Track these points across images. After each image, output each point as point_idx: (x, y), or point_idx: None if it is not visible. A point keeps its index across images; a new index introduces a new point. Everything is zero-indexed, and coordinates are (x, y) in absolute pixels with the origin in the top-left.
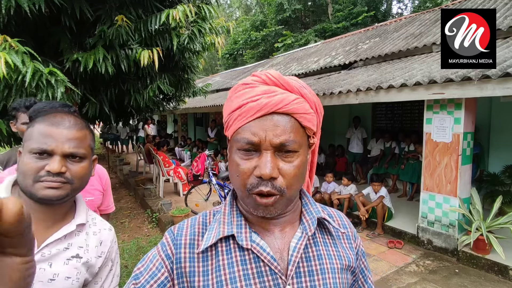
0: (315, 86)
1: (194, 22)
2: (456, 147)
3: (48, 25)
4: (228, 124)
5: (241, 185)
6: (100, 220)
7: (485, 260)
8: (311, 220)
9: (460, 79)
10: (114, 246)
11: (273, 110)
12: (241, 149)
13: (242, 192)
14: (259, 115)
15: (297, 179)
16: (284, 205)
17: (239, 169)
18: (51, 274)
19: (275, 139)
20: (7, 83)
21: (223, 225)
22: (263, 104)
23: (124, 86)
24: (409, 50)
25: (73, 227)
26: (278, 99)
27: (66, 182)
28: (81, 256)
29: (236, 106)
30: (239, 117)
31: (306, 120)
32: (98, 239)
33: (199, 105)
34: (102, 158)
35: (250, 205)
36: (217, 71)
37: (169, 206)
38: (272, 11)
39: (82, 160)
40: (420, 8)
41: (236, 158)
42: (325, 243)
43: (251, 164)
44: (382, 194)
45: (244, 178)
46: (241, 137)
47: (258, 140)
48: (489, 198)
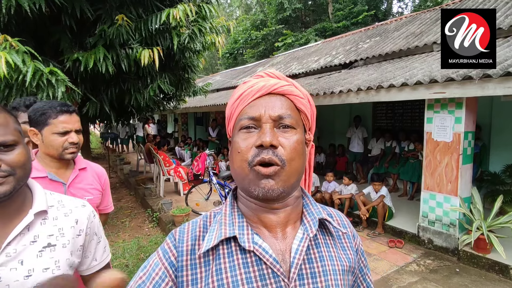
0: (315, 85)
1: (195, 21)
2: (457, 147)
3: (48, 25)
4: (231, 115)
5: (242, 161)
6: (69, 199)
7: (485, 260)
8: (312, 221)
9: (461, 78)
10: (94, 220)
11: (270, 91)
12: (243, 128)
13: (243, 169)
14: (257, 95)
15: (297, 153)
16: (285, 183)
17: (240, 145)
18: (25, 271)
19: (273, 112)
20: (7, 83)
21: (225, 226)
22: (261, 86)
23: (124, 85)
24: (410, 49)
25: (31, 217)
26: (273, 82)
27: (8, 175)
28: (53, 244)
29: (237, 95)
30: (241, 101)
31: (300, 102)
32: (72, 219)
33: (200, 104)
34: (103, 157)
35: (251, 184)
36: (217, 71)
37: (170, 205)
38: (273, 10)
39: (14, 147)
40: (420, 7)
41: (238, 139)
42: (327, 244)
43: (252, 140)
44: (383, 193)
45: (245, 152)
46: (242, 116)
47: (258, 115)
48: (489, 197)
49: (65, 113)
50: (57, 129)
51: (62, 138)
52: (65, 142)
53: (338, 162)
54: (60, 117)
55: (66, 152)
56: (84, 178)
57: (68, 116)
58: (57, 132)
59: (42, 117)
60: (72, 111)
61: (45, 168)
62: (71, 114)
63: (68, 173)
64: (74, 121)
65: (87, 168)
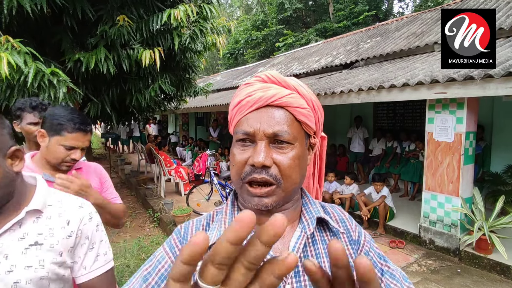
0: (316, 85)
1: (196, 21)
2: (458, 147)
3: (49, 25)
4: (230, 120)
5: (236, 174)
6: (69, 200)
7: (487, 260)
8: (311, 219)
9: (463, 79)
10: (88, 223)
11: (268, 103)
12: (239, 140)
13: (237, 182)
14: (255, 107)
15: (293, 170)
16: (281, 198)
17: (235, 159)
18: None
19: (268, 129)
20: (9, 83)
21: (225, 224)
22: (258, 97)
23: (125, 86)
24: (411, 50)
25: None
26: (271, 92)
27: None
28: (41, 243)
29: (236, 102)
30: (238, 110)
31: (300, 114)
32: (64, 219)
33: (200, 104)
34: (104, 157)
35: (244, 196)
36: (218, 71)
37: (171, 205)
38: (273, 11)
39: None
40: (421, 7)
41: (234, 150)
42: (323, 241)
43: (246, 155)
44: (384, 193)
45: (239, 167)
46: (238, 129)
47: (252, 131)
48: (491, 197)
49: (81, 132)
50: (65, 143)
51: (66, 152)
52: (67, 156)
53: (339, 162)
54: (75, 133)
55: (64, 164)
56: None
57: (82, 134)
58: (64, 145)
59: (58, 126)
60: (88, 130)
61: (41, 169)
62: (86, 133)
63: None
64: (84, 140)
65: (83, 168)
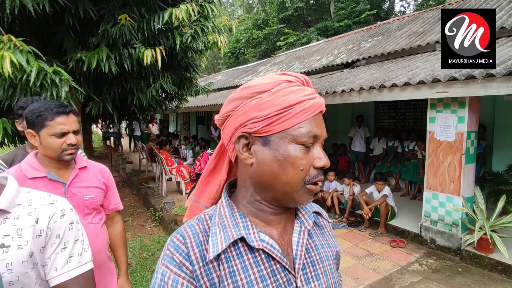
0: (317, 85)
1: (197, 21)
2: (460, 146)
3: (52, 25)
4: (280, 118)
5: (299, 178)
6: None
7: (488, 259)
8: (307, 214)
9: (464, 78)
10: (60, 221)
11: (321, 109)
12: (301, 143)
13: (296, 185)
14: (318, 111)
15: None
16: None
17: (302, 163)
18: None
19: (325, 134)
20: (11, 82)
21: (229, 228)
22: (319, 102)
23: (127, 85)
24: (412, 49)
25: None
26: (322, 100)
27: None
28: (7, 245)
29: (295, 101)
30: (302, 111)
31: None
32: (33, 218)
33: (201, 104)
34: (105, 157)
35: (302, 197)
36: (219, 70)
37: (172, 204)
38: (274, 10)
39: None
40: (423, 6)
41: (297, 154)
42: (317, 234)
43: (309, 158)
44: (385, 193)
45: (307, 170)
46: (305, 131)
47: (319, 134)
48: (492, 197)
49: (62, 114)
50: (54, 131)
51: (60, 140)
52: (63, 144)
53: (340, 162)
54: (57, 118)
55: (65, 154)
56: (84, 177)
57: (65, 117)
58: (54, 134)
59: (38, 119)
60: (69, 111)
61: (45, 168)
62: (68, 115)
63: (68, 172)
64: (71, 122)
65: (88, 167)
